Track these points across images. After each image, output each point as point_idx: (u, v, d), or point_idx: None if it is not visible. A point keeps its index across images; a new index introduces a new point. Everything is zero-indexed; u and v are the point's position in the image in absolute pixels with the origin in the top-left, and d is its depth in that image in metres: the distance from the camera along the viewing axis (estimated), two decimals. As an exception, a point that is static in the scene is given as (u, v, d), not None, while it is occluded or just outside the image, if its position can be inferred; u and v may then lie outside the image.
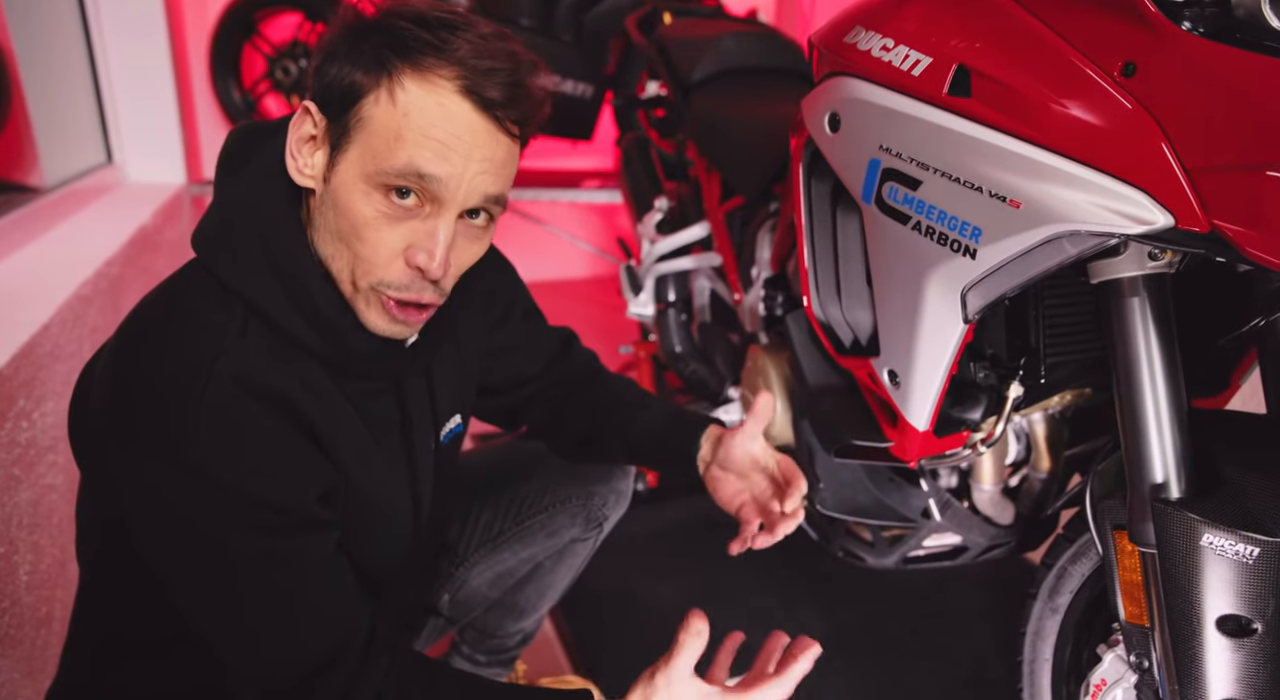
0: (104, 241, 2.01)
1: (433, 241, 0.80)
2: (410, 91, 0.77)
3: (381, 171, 0.78)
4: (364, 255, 0.82)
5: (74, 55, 2.69)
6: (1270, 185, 0.72)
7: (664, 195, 2.05)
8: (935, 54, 0.92)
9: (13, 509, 1.24)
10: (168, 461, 0.77)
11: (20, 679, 1.24)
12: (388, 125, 0.78)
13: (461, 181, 0.79)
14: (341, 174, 0.80)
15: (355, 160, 0.79)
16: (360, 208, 0.80)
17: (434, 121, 0.77)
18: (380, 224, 0.80)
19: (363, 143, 0.79)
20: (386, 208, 0.80)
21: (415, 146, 0.77)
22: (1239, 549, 0.83)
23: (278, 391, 0.81)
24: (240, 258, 0.83)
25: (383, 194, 0.79)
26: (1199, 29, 0.77)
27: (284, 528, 0.81)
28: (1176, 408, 0.91)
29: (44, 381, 1.39)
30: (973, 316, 0.96)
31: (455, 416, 1.09)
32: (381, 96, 0.78)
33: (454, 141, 0.78)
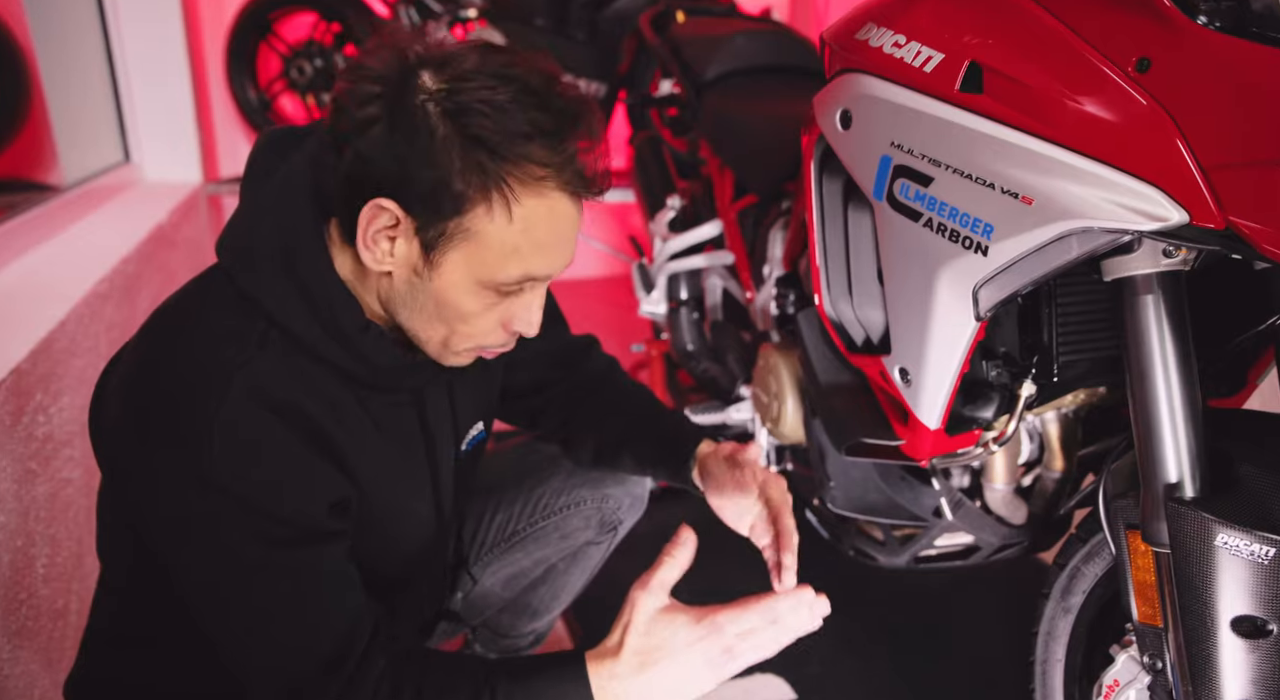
0: (121, 239, 2.03)
1: (533, 312, 0.86)
2: (526, 206, 0.78)
3: (496, 281, 0.81)
4: (466, 331, 0.86)
5: (92, 55, 2.72)
6: (1287, 182, 0.72)
7: (676, 194, 2.05)
8: (947, 50, 0.92)
9: (30, 503, 1.26)
10: (181, 471, 0.78)
11: (38, 670, 1.25)
12: (503, 242, 0.79)
13: (560, 267, 0.84)
14: (447, 276, 0.81)
15: (463, 266, 0.80)
16: (469, 304, 0.83)
17: (548, 229, 0.80)
18: (486, 313, 0.84)
19: (471, 252, 0.79)
20: (494, 301, 0.84)
21: (530, 257, 0.80)
22: (1254, 549, 0.83)
23: (293, 405, 0.82)
24: (263, 268, 0.83)
25: (493, 292, 0.82)
26: (1214, 23, 0.76)
27: (292, 539, 0.81)
28: (1191, 406, 0.90)
29: (61, 377, 1.40)
30: (985, 314, 0.95)
31: (478, 423, 1.10)
32: (496, 211, 0.77)
33: (562, 242, 0.81)
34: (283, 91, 3.45)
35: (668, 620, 0.81)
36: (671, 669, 0.80)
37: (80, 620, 1.41)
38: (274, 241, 0.84)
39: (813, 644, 1.63)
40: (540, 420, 1.25)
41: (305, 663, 0.81)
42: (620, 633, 0.82)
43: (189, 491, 0.78)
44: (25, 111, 2.26)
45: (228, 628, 0.83)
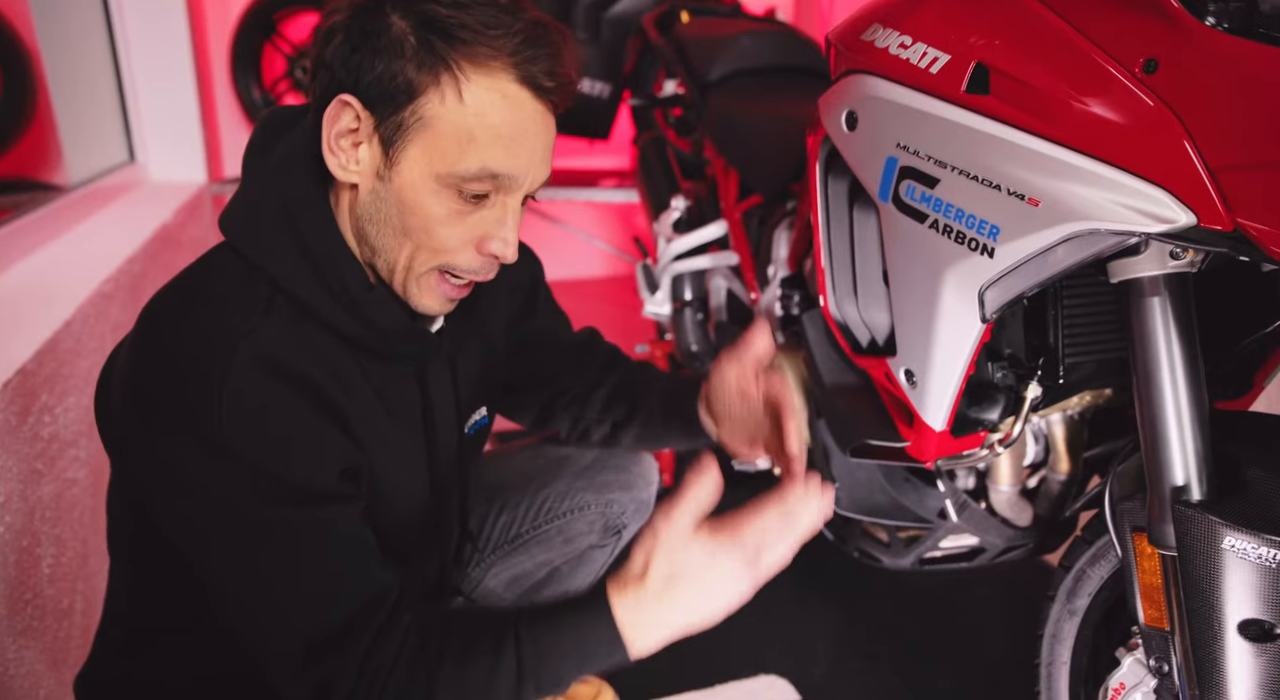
0: (126, 239, 2.04)
1: (504, 229, 0.83)
2: (475, 88, 0.77)
3: (455, 174, 0.79)
4: (431, 246, 0.83)
5: (97, 55, 2.73)
6: (1295, 184, 0.71)
7: (681, 194, 2.05)
8: (953, 51, 0.91)
9: (35, 502, 1.26)
10: (190, 437, 0.78)
11: (43, 669, 1.25)
12: (457, 126, 0.77)
13: (529, 172, 0.81)
14: (405, 174, 0.80)
15: (421, 160, 0.79)
16: (432, 206, 0.80)
17: (504, 118, 0.78)
18: (452, 220, 0.82)
19: (429, 143, 0.79)
20: (459, 205, 0.81)
21: (489, 148, 0.78)
22: (1262, 552, 0.82)
23: (299, 372, 0.81)
24: (268, 236, 0.84)
25: (455, 193, 0.80)
26: (1223, 24, 0.76)
27: (306, 501, 0.81)
28: (1198, 409, 0.90)
29: (66, 377, 1.41)
30: (990, 316, 0.95)
31: (481, 409, 1.09)
32: (447, 95, 0.77)
33: (522, 136, 0.79)
34: (287, 91, 3.46)
35: (687, 541, 0.79)
36: (695, 588, 0.79)
37: (85, 619, 1.42)
38: (277, 209, 0.84)
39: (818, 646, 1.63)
40: (551, 416, 1.24)
41: (328, 621, 0.80)
42: (644, 560, 0.80)
43: (199, 459, 0.78)
44: (31, 111, 2.27)
45: (247, 596, 0.81)
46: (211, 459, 0.78)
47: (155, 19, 2.82)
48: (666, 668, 1.66)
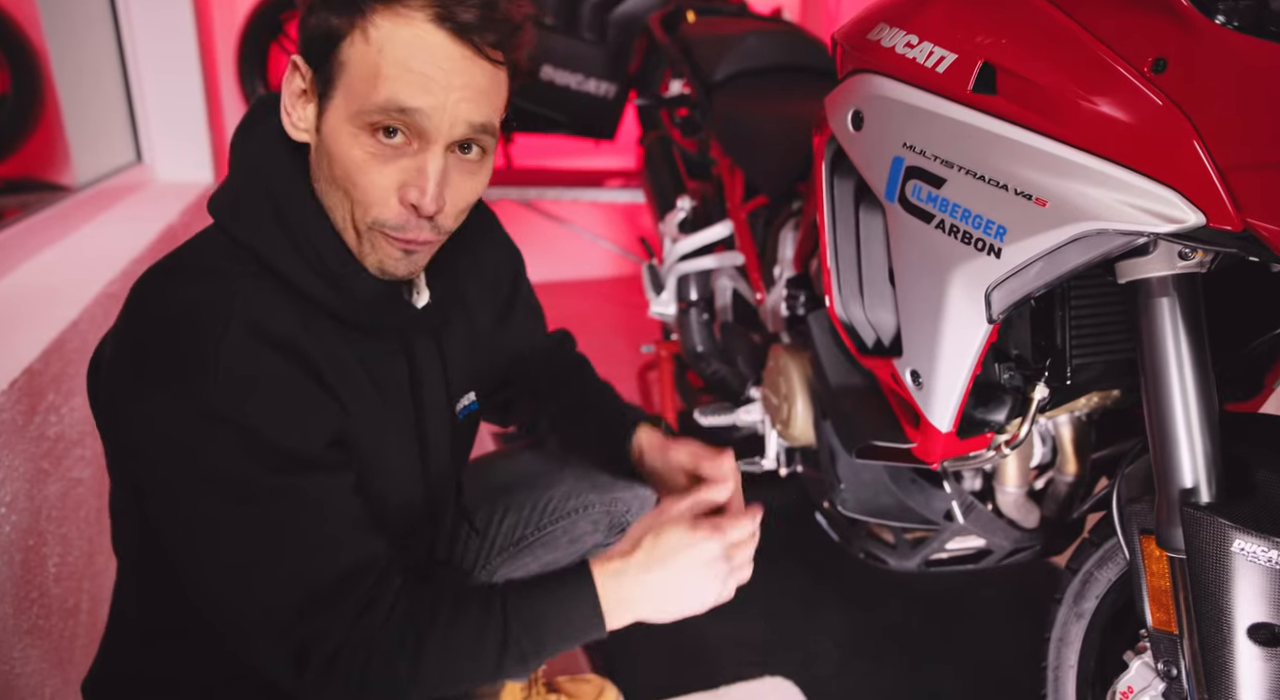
0: (132, 239, 2.04)
1: (423, 177, 0.80)
2: (383, 27, 0.77)
3: (364, 111, 0.78)
4: (359, 198, 0.82)
5: (105, 55, 2.73)
6: (1306, 184, 0.71)
7: (686, 194, 2.04)
8: (960, 50, 0.91)
9: (41, 502, 1.26)
10: (185, 403, 0.77)
11: (49, 668, 1.26)
12: (365, 64, 0.77)
13: (444, 111, 0.78)
14: (330, 121, 0.80)
15: (340, 105, 0.79)
16: (350, 151, 0.80)
17: (411, 53, 0.77)
18: (371, 165, 0.80)
19: (345, 86, 0.79)
20: (375, 148, 0.80)
21: (394, 81, 0.77)
22: (1271, 555, 0.82)
23: (290, 340, 0.82)
24: (249, 214, 0.84)
25: (369, 134, 0.79)
26: (1232, 22, 0.75)
27: (295, 467, 0.81)
28: (1207, 410, 0.89)
29: (72, 377, 1.41)
30: (997, 316, 0.94)
31: (470, 394, 1.09)
32: (356, 38, 0.77)
33: (433, 72, 0.77)
34: (294, 91, 3.47)
35: (674, 525, 0.85)
36: (673, 568, 0.84)
37: (92, 619, 1.42)
38: (258, 187, 0.85)
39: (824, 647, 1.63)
40: (510, 415, 1.25)
41: (315, 583, 0.80)
42: (636, 536, 0.86)
43: (193, 423, 0.77)
44: (38, 111, 2.28)
45: (233, 559, 0.81)
46: (205, 423, 0.77)
47: (162, 19, 2.83)
48: (672, 669, 1.66)
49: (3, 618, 1.14)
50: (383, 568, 0.84)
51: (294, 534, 0.81)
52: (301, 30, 0.81)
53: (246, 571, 0.81)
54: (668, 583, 0.84)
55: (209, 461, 0.79)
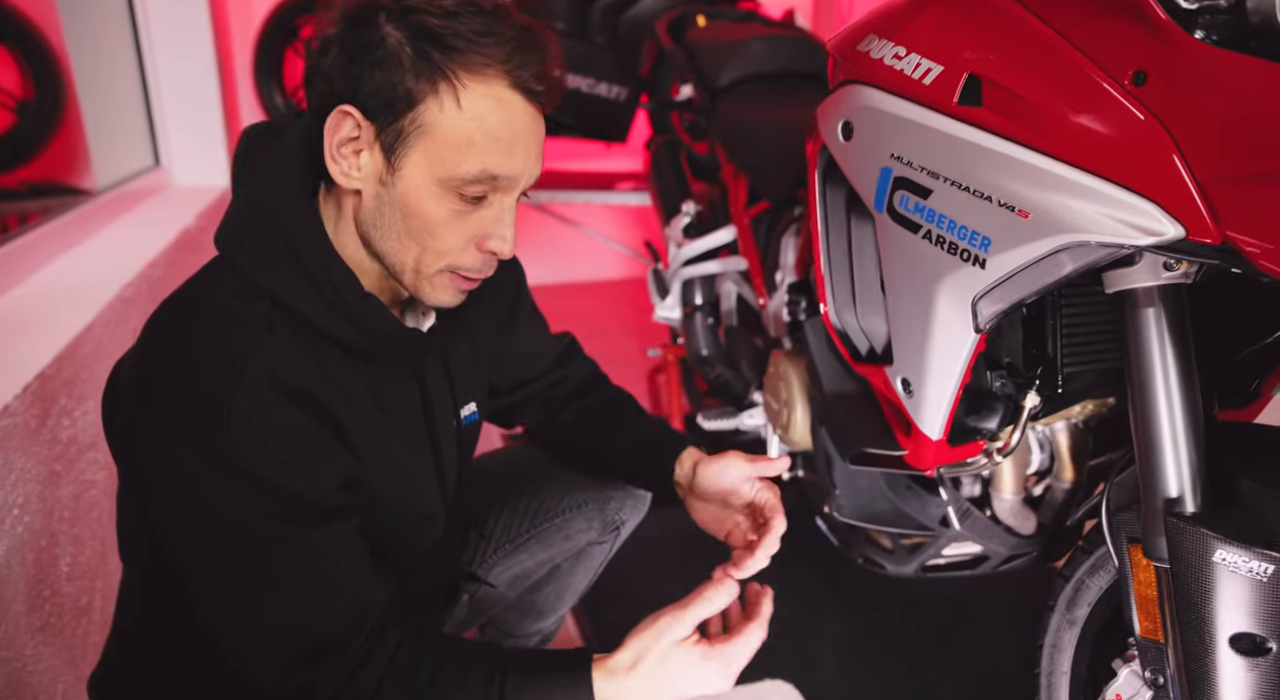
0: (148, 243, 2.08)
1: (503, 226, 0.86)
2: (473, 94, 0.79)
3: (456, 178, 0.81)
4: (435, 247, 0.85)
5: (124, 61, 2.78)
6: (1282, 197, 0.71)
7: (691, 199, 2.06)
8: (946, 63, 0.92)
9: (54, 503, 1.29)
10: (199, 453, 0.80)
11: (60, 666, 1.29)
12: (456, 131, 0.80)
13: (524, 172, 0.84)
14: (408, 179, 0.82)
15: (422, 165, 0.81)
16: (434, 209, 0.83)
17: (498, 122, 0.80)
18: (454, 220, 0.84)
19: (428, 149, 0.81)
20: (460, 206, 0.83)
21: (485, 151, 0.80)
22: (1253, 566, 0.82)
23: (304, 389, 0.84)
24: (263, 251, 0.86)
25: (456, 195, 0.82)
26: (1212, 36, 0.75)
27: (305, 518, 0.83)
28: (1192, 420, 0.89)
29: (85, 381, 1.44)
30: (984, 326, 0.95)
31: (472, 403, 1.12)
32: (445, 102, 0.79)
33: (516, 137, 0.82)
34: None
35: (681, 651, 0.86)
36: (675, 688, 0.86)
37: (104, 617, 1.45)
38: (269, 222, 0.86)
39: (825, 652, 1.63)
40: (519, 416, 1.27)
41: (317, 632, 0.83)
42: (634, 656, 0.86)
43: (207, 473, 0.80)
44: (60, 116, 2.33)
45: (238, 605, 0.84)
46: (220, 474, 0.80)
47: (180, 25, 2.88)
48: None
49: (16, 616, 1.17)
50: (381, 616, 0.86)
51: (295, 585, 0.84)
52: (350, 81, 0.80)
53: (247, 614, 0.85)
54: (664, 695, 0.86)
55: (217, 507, 0.81)
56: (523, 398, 1.25)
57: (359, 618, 0.85)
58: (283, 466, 0.81)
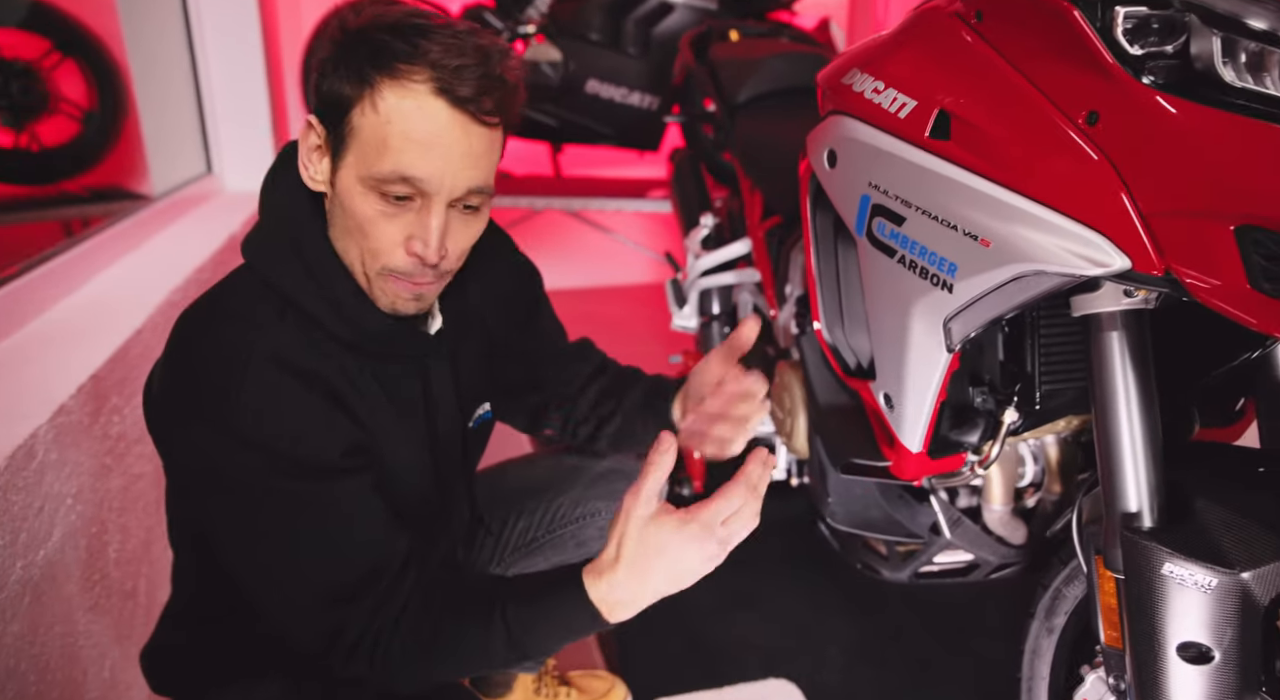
0: (198, 248, 2.20)
1: (426, 231, 0.89)
2: (389, 99, 0.85)
3: (373, 176, 0.87)
4: (369, 247, 0.92)
5: (180, 73, 2.93)
6: (1218, 233, 0.76)
7: (710, 212, 2.12)
8: (920, 98, 0.97)
9: (104, 494, 1.41)
10: (216, 430, 0.89)
11: (109, 642, 1.40)
12: (374, 133, 0.86)
13: (445, 177, 0.87)
14: (342, 179, 0.90)
15: (351, 166, 0.89)
16: (361, 207, 0.89)
17: (413, 125, 0.85)
18: (380, 220, 0.90)
19: (356, 150, 0.88)
20: (383, 206, 0.89)
21: (400, 152, 0.85)
22: (1198, 579, 0.86)
23: (309, 369, 0.92)
24: (276, 257, 0.95)
25: (378, 195, 0.88)
26: (1157, 81, 0.80)
27: (318, 476, 0.92)
28: (1151, 440, 0.94)
29: (134, 381, 1.55)
30: (956, 346, 1.00)
31: (484, 404, 1.19)
32: (366, 107, 0.86)
33: (433, 141, 0.86)
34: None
35: (658, 525, 0.85)
36: (667, 566, 0.86)
37: (148, 600, 1.56)
38: (284, 233, 0.95)
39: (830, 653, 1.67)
40: (542, 419, 1.33)
41: (340, 578, 0.91)
42: (616, 545, 0.87)
43: (227, 448, 0.89)
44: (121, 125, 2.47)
45: (268, 561, 0.93)
46: (237, 447, 0.89)
47: (232, 38, 3.02)
48: (679, 666, 1.74)
49: (70, 596, 1.28)
50: (401, 563, 0.94)
51: (317, 537, 0.92)
52: (316, 93, 0.90)
53: (276, 570, 0.94)
54: (665, 574, 0.86)
55: (239, 478, 0.91)
56: (543, 399, 1.31)
57: (378, 564, 0.92)
58: (291, 434, 0.90)
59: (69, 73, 2.25)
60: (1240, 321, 0.76)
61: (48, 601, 1.19)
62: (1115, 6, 0.80)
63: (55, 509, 1.23)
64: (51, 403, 1.26)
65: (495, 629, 0.91)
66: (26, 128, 2.08)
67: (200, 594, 1.11)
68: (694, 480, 2.27)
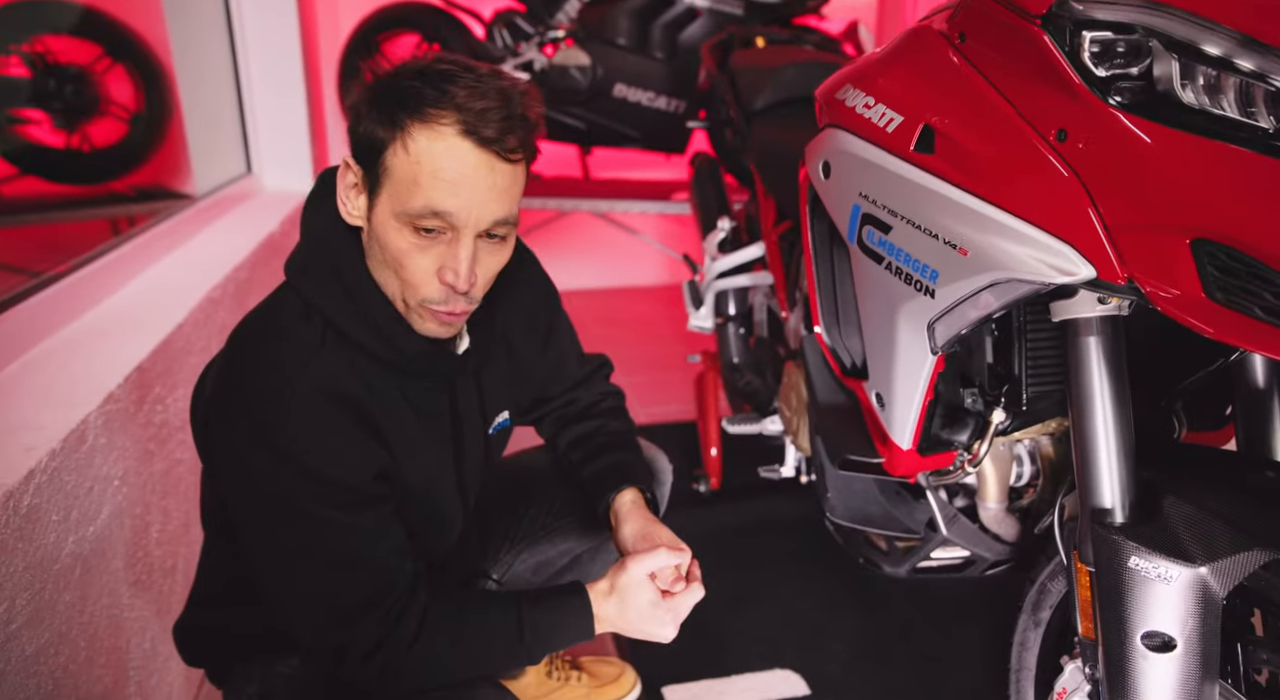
0: (237, 247, 2.31)
1: (457, 261, 0.97)
2: (419, 141, 0.93)
3: (406, 212, 0.95)
4: (406, 278, 1.00)
5: (222, 76, 3.04)
6: (1175, 245, 0.81)
7: (727, 216, 2.18)
8: (906, 113, 1.03)
9: (148, 478, 1.51)
10: (260, 445, 0.98)
11: (150, 617, 1.50)
12: (406, 172, 0.94)
13: (471, 211, 0.95)
14: (378, 215, 0.98)
15: (386, 203, 0.97)
16: (396, 241, 0.97)
17: (442, 164, 0.93)
18: (414, 252, 0.98)
19: (389, 188, 0.96)
20: (416, 239, 0.97)
21: (429, 189, 0.93)
22: (1161, 570, 0.91)
23: (348, 394, 1.01)
24: (320, 282, 1.04)
25: (411, 229, 0.96)
26: (1122, 101, 0.85)
27: (344, 502, 1.00)
28: (1124, 439, 0.99)
29: (176, 372, 1.65)
30: (940, 348, 1.06)
31: (504, 412, 1.27)
32: (398, 148, 0.94)
33: (461, 179, 0.94)
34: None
35: (639, 589, 1.06)
36: (637, 615, 1.07)
37: (186, 578, 1.66)
38: (326, 258, 1.04)
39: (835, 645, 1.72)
40: (538, 429, 1.42)
41: (347, 604, 1.00)
42: (610, 584, 1.07)
43: (268, 464, 0.98)
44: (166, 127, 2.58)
45: (290, 573, 1.02)
46: (273, 459, 0.98)
47: (272, 42, 3.12)
48: (686, 655, 1.80)
49: (116, 571, 1.38)
50: (410, 585, 1.03)
51: (335, 557, 1.01)
52: (352, 135, 0.98)
53: (293, 581, 1.03)
54: (631, 621, 1.07)
55: (272, 490, 0.99)
56: (539, 415, 1.40)
57: (387, 589, 1.02)
58: (326, 456, 0.99)
59: (118, 77, 2.36)
60: (1196, 330, 0.81)
61: (96, 575, 1.29)
62: (1083, 31, 0.85)
63: (104, 490, 1.33)
64: (101, 391, 1.36)
65: (510, 627, 1.04)
66: (78, 129, 2.19)
67: (226, 575, 1.20)
68: (710, 477, 2.33)
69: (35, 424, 1.23)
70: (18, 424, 1.22)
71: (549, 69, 3.41)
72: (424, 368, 1.08)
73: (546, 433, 1.41)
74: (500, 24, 3.51)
